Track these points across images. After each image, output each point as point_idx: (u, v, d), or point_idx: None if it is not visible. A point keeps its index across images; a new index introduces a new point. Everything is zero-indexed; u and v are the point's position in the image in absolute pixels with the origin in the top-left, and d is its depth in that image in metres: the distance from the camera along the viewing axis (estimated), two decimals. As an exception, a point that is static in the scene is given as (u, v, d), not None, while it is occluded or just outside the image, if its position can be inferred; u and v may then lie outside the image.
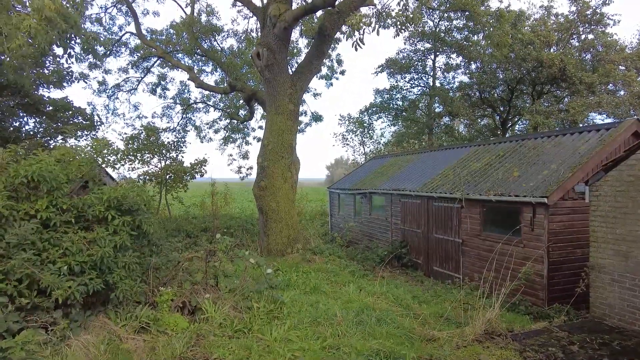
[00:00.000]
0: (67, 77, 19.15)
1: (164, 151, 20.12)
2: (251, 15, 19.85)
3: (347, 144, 36.22)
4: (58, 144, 14.26)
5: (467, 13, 18.93)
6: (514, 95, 26.35)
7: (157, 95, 25.18)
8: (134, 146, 19.35)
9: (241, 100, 23.30)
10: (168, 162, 20.13)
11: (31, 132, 17.68)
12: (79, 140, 18.85)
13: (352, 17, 9.43)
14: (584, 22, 24.06)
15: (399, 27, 11.02)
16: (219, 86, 23.43)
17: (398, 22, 11.07)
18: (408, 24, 11.89)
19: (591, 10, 23.61)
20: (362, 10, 12.88)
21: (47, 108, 17.80)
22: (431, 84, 29.64)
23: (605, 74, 22.04)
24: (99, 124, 21.38)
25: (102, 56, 21.32)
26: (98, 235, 5.98)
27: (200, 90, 24.42)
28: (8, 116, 16.97)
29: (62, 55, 17.53)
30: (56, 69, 18.51)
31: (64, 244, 5.77)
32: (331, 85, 25.59)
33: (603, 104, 21.10)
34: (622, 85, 22.60)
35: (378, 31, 9.63)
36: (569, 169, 8.77)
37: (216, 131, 27.11)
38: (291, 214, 13.73)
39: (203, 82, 21.32)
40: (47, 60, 18.03)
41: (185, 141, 21.49)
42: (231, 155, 27.12)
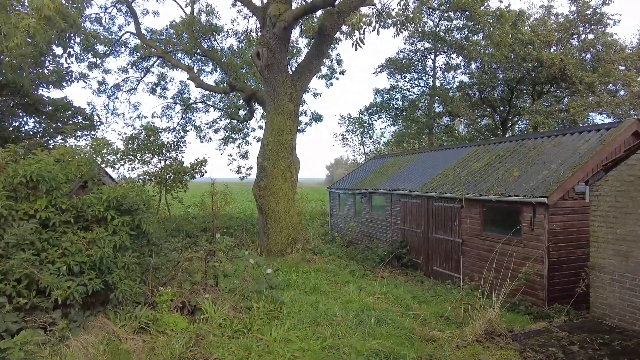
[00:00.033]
0: (66, 76, 19.12)
1: (163, 151, 20.09)
2: (251, 15, 19.84)
3: (347, 144, 36.28)
4: (58, 144, 14.23)
5: (467, 13, 18.90)
6: (514, 95, 26.34)
7: (157, 95, 25.19)
8: (134, 146, 19.33)
9: (241, 100, 23.29)
10: (168, 162, 20.11)
11: (31, 132, 17.65)
12: (78, 140, 18.85)
13: (352, 16, 9.42)
14: (584, 22, 24.06)
15: (399, 27, 11.00)
16: (218, 86, 23.41)
17: (398, 22, 11.05)
18: (408, 24, 11.86)
19: (591, 10, 23.62)
20: (362, 10, 12.87)
21: (46, 108, 17.77)
22: (431, 84, 29.63)
23: (605, 73, 22.03)
24: (99, 123, 21.40)
25: (102, 55, 21.31)
26: (97, 236, 5.97)
27: (200, 90, 24.43)
28: (8, 116, 16.95)
29: (61, 54, 17.50)
30: (56, 69, 18.48)
31: (63, 244, 5.75)
32: (331, 85, 25.58)
33: (603, 104, 21.10)
34: (622, 85, 22.59)
35: (378, 31, 9.62)
36: (569, 168, 8.76)
37: (216, 131, 27.11)
38: (291, 214, 13.72)
39: (203, 82, 21.30)
40: (46, 60, 18.00)
41: (185, 141, 21.46)
42: (231, 155, 27.14)
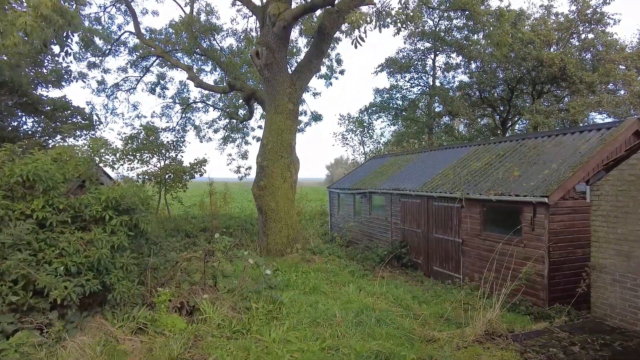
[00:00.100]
0: (65, 76, 19.09)
1: (163, 151, 20.06)
2: (250, 14, 19.81)
3: (347, 144, 36.29)
4: (57, 143, 14.19)
5: (467, 12, 18.84)
6: (514, 94, 26.30)
7: (157, 94, 25.16)
8: (133, 146, 19.30)
9: (240, 100, 23.24)
10: (167, 162, 20.08)
11: (29, 132, 17.60)
12: (77, 140, 18.82)
13: (352, 14, 9.38)
14: (584, 22, 24.04)
15: (399, 26, 10.97)
16: (218, 85, 23.36)
17: (398, 21, 11.02)
18: (408, 23, 11.83)
19: (591, 9, 23.59)
20: (362, 9, 12.82)
21: (45, 107, 17.71)
22: (431, 84, 29.60)
23: (605, 73, 22.00)
24: (98, 123, 21.38)
25: (102, 51, 21.22)
26: (95, 236, 5.91)
27: (200, 89, 24.39)
28: (6, 116, 16.90)
29: (59, 53, 17.45)
30: (54, 68, 18.44)
31: (61, 244, 5.70)
32: (330, 84, 25.40)
33: (603, 104, 21.08)
34: (623, 85, 22.57)
35: (380, 28, 9.60)
36: (569, 168, 8.72)
37: (215, 131, 27.06)
38: (290, 214, 13.68)
39: (202, 81, 21.26)
40: (45, 60, 17.96)
41: (184, 141, 21.42)
42: (230, 155, 27.07)
